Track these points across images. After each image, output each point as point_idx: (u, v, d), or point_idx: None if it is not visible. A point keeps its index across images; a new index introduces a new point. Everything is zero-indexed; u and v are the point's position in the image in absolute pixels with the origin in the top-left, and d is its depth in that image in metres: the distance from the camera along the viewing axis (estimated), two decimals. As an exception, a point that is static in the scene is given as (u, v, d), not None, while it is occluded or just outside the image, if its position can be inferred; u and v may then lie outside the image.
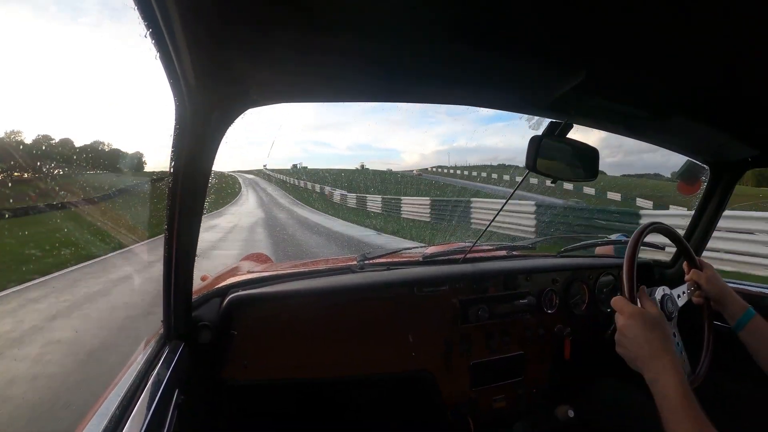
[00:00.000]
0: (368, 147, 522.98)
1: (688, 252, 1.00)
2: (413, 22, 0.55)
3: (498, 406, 1.23)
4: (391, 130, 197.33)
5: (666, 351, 0.68)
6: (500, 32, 0.58)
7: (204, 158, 0.72)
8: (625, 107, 0.89)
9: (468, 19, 0.55)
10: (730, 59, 0.65)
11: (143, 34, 0.50)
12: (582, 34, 0.59)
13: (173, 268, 0.79)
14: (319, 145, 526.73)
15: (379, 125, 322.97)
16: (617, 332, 0.75)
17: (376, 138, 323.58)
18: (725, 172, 1.28)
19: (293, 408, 1.16)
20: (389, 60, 0.66)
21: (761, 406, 1.13)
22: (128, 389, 0.63)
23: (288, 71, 0.66)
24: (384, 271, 1.21)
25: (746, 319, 0.88)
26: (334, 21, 0.53)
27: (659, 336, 0.70)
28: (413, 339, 1.12)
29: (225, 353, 0.98)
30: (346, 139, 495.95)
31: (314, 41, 0.57)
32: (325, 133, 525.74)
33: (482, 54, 0.65)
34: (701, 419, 0.59)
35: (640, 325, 0.71)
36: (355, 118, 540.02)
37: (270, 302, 1.04)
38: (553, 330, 1.28)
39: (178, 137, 0.67)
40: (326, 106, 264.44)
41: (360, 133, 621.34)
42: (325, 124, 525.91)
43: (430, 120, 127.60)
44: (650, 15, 0.53)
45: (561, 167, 0.95)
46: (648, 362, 0.68)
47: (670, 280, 1.45)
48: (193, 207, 0.76)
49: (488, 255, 1.47)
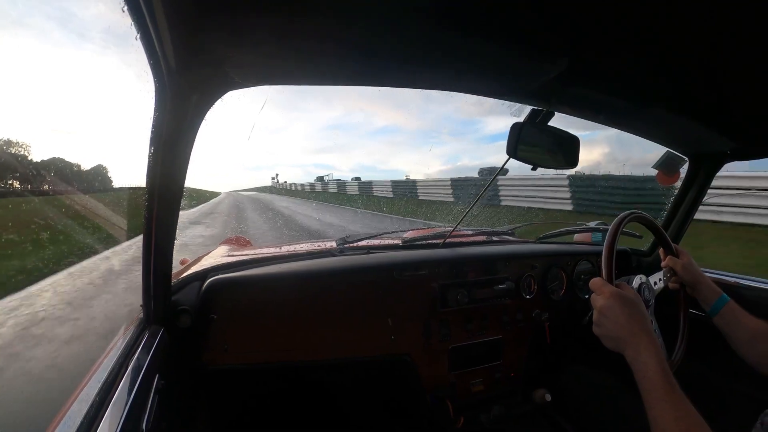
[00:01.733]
0: (372, 168, 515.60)
1: (665, 239, 1.02)
2: (395, 5, 0.54)
3: (476, 389, 1.25)
4: (394, 151, 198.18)
5: (645, 330, 0.69)
6: (483, 18, 0.58)
7: (184, 141, 0.72)
8: (606, 97, 0.90)
9: (451, 4, 0.54)
10: (710, 53, 0.65)
11: (122, 8, 0.49)
12: (566, 22, 0.59)
13: (152, 252, 0.78)
14: (321, 168, 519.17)
15: (382, 146, 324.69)
16: (596, 313, 0.75)
17: (380, 159, 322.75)
18: (704, 163, 1.30)
19: (273, 391, 1.16)
20: (370, 44, 0.65)
21: (735, 389, 1.17)
22: (108, 375, 0.62)
23: (269, 54, 0.65)
24: (364, 255, 1.22)
25: (720, 305, 0.90)
26: (315, 3, 0.52)
27: (638, 315, 0.71)
28: (393, 323, 1.13)
29: (205, 337, 0.97)
30: (348, 161, 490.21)
31: (295, 24, 0.56)
32: (327, 156, 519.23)
33: (465, 40, 0.64)
34: (681, 397, 0.60)
35: (618, 305, 0.72)
36: (356, 141, 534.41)
37: (249, 286, 1.04)
38: (531, 315, 1.30)
39: (157, 120, 0.66)
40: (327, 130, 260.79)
41: (363, 155, 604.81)
42: (326, 148, 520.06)
43: (432, 140, 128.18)
44: (634, 5, 0.53)
45: (542, 154, 0.96)
46: (628, 341, 0.68)
47: (646, 268, 1.48)
48: (172, 191, 0.75)
49: (468, 240, 1.48)
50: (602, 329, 0.74)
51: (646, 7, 0.53)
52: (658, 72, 0.76)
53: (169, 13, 0.49)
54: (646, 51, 0.66)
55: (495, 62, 0.75)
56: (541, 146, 0.95)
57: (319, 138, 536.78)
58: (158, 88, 0.62)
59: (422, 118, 64.61)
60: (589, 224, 1.60)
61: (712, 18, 0.55)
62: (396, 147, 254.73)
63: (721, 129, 1.05)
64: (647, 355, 0.65)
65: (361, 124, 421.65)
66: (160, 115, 0.66)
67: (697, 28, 0.58)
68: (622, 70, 0.76)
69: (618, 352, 0.70)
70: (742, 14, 0.53)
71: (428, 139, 55.18)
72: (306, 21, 0.56)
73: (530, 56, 0.71)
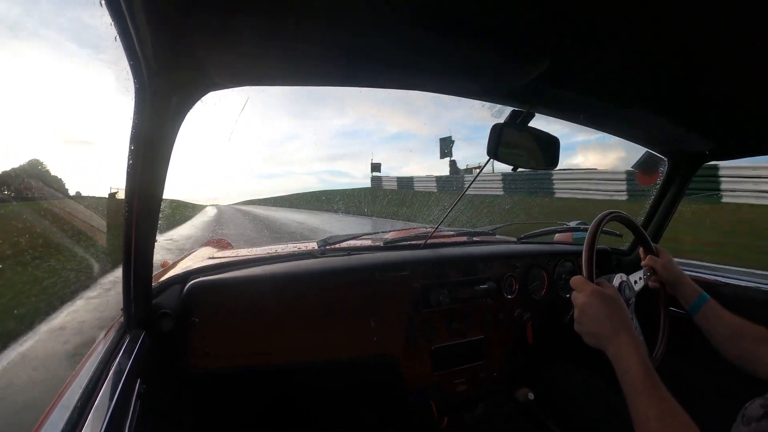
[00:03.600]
0: (385, 175, 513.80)
1: (645, 239, 1.03)
2: (376, 7, 0.54)
3: (460, 389, 1.25)
4: (407, 157, 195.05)
5: (625, 327, 0.69)
6: (464, 19, 0.58)
7: (164, 143, 0.71)
8: (586, 98, 0.90)
9: (432, 6, 0.54)
10: (689, 54, 0.66)
11: (101, 5, 0.48)
12: (546, 23, 0.59)
13: (132, 254, 0.77)
14: (335, 175, 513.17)
15: (395, 153, 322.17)
16: (576, 310, 0.76)
17: (393, 166, 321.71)
18: (683, 164, 1.32)
19: (256, 395, 1.15)
20: (352, 45, 0.65)
21: (717, 384, 1.19)
22: (89, 380, 0.62)
23: (250, 54, 0.65)
24: (345, 257, 1.21)
25: (700, 303, 0.91)
26: (296, 5, 0.52)
27: (618, 312, 0.72)
28: (375, 324, 1.12)
29: (187, 341, 0.96)
30: (362, 167, 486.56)
31: (275, 25, 0.56)
32: (341, 163, 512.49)
33: (446, 41, 0.64)
34: (663, 392, 0.60)
35: (599, 302, 0.73)
36: (370, 147, 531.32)
37: (231, 288, 1.02)
38: (513, 315, 1.31)
39: (137, 120, 0.65)
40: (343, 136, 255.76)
41: (376, 161, 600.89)
42: (340, 155, 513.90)
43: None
44: (615, 6, 0.53)
45: (522, 155, 0.96)
46: (609, 338, 0.69)
47: (626, 267, 1.50)
48: (152, 192, 0.74)
49: (449, 241, 1.48)
50: (583, 326, 0.74)
51: (626, 9, 0.54)
52: (638, 73, 0.76)
53: (149, 11, 0.48)
54: (626, 52, 0.67)
55: (476, 63, 0.75)
56: (522, 147, 0.96)
57: (332, 145, 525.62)
58: (138, 88, 0.62)
59: (435, 124, 64.52)
60: (570, 224, 1.62)
61: (691, 20, 0.55)
62: (409, 153, 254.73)
63: (700, 129, 1.07)
64: (628, 351, 0.65)
65: (374, 131, 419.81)
66: (140, 116, 0.65)
67: (676, 29, 0.58)
68: (603, 71, 0.76)
69: (599, 349, 0.71)
70: (719, 16, 0.54)
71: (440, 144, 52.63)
72: (287, 22, 0.56)
73: (511, 57, 0.71)
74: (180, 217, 18.89)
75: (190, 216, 21.50)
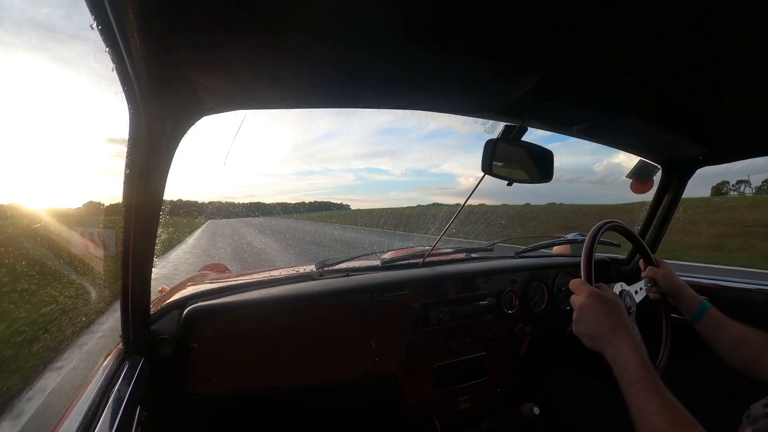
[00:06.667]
0: (424, 173, 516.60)
1: (644, 250, 1.03)
2: (367, 27, 0.55)
3: (463, 407, 1.23)
4: (446, 155, 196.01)
5: (623, 326, 0.69)
6: (454, 36, 0.58)
7: (160, 169, 0.70)
8: (578, 109, 0.91)
9: (422, 24, 0.55)
10: (679, 62, 0.67)
11: (95, 30, 0.48)
12: (535, 37, 0.59)
13: (130, 280, 0.76)
14: (374, 172, 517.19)
15: (435, 150, 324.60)
16: (575, 312, 0.76)
17: (432, 164, 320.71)
18: (677, 170, 1.32)
19: (258, 419, 1.12)
20: (344, 67, 0.65)
21: (721, 387, 1.18)
22: (89, 408, 0.61)
23: (243, 78, 0.65)
24: (343, 278, 1.19)
25: (701, 312, 0.91)
26: (287, 28, 0.52)
27: (616, 313, 0.72)
28: (376, 344, 1.11)
29: (186, 366, 0.94)
30: (401, 165, 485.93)
31: (267, 48, 0.57)
32: (381, 159, 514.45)
33: (437, 58, 0.65)
34: (663, 388, 0.59)
35: (597, 303, 0.73)
36: (410, 145, 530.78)
37: (229, 312, 1.01)
38: (514, 330, 1.30)
39: (132, 146, 0.65)
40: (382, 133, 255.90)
41: (415, 160, 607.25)
42: (381, 152, 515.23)
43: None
44: (603, 17, 0.54)
45: (516, 170, 0.96)
46: (607, 338, 0.69)
47: (626, 276, 1.49)
48: (148, 218, 0.74)
49: (447, 258, 1.47)
50: (581, 327, 0.74)
51: (614, 19, 0.54)
52: (629, 82, 0.77)
53: (142, 36, 0.48)
54: (616, 62, 0.68)
55: (467, 80, 0.75)
56: (516, 161, 0.96)
57: (372, 143, 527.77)
58: (132, 114, 0.61)
59: (475, 121, 63.13)
60: (567, 236, 1.61)
61: (680, 28, 0.56)
62: (448, 150, 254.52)
63: (693, 136, 1.07)
64: (626, 349, 0.65)
65: (414, 128, 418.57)
66: (135, 143, 0.64)
67: (665, 38, 0.59)
68: (593, 81, 0.77)
69: (598, 352, 0.70)
70: (709, 24, 0.55)
71: (480, 142, 53.11)
72: (278, 45, 0.56)
73: (502, 72, 0.72)
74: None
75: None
